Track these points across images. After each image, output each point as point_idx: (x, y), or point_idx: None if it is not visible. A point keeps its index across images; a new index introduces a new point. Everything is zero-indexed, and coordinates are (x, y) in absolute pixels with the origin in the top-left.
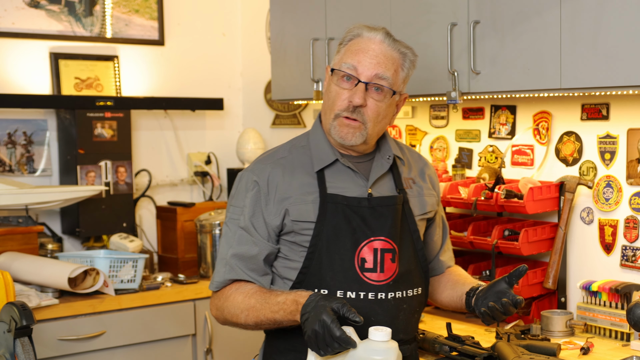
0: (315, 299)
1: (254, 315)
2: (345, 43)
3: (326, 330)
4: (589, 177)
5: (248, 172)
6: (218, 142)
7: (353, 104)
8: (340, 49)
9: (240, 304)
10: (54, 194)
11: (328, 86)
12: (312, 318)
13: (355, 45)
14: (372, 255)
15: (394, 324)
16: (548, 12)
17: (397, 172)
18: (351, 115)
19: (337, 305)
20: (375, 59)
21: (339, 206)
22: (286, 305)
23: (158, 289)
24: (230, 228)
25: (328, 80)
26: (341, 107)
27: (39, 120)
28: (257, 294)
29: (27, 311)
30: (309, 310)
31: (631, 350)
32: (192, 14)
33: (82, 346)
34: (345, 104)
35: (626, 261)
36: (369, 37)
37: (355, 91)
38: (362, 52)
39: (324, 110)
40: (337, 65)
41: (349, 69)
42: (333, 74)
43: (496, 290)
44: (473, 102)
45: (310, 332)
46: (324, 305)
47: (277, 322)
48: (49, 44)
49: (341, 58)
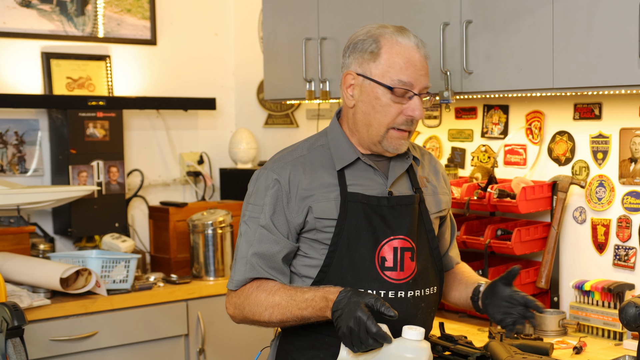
0: (347, 295)
1: (279, 312)
2: (376, 50)
3: (362, 327)
4: (581, 176)
5: (267, 171)
6: (210, 142)
7: (416, 118)
8: (377, 59)
9: (263, 302)
10: (45, 194)
11: (374, 99)
12: (347, 314)
13: (398, 55)
14: (392, 254)
15: (413, 322)
16: (540, 11)
17: (413, 171)
18: (408, 128)
19: (371, 301)
20: (422, 70)
21: (359, 205)
22: (315, 302)
23: (150, 289)
24: (250, 227)
25: (370, 91)
26: (399, 121)
27: (31, 120)
28: (281, 290)
29: (19, 312)
30: (341, 307)
31: (624, 349)
32: (185, 14)
33: (74, 347)
34: (403, 118)
35: (619, 260)
36: (407, 45)
37: (416, 106)
38: (411, 65)
39: (368, 121)
40: (386, 78)
41: (405, 84)
42: (392, 92)
43: (503, 296)
44: (466, 102)
45: (345, 328)
46: (358, 301)
47: (305, 319)
48: (41, 44)
49: (387, 70)
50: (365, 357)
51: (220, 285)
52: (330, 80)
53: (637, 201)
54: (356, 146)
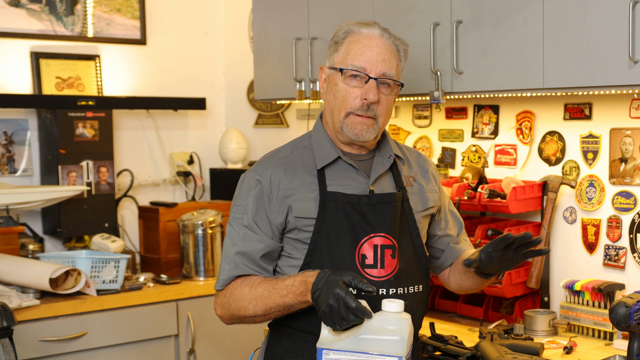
0: (325, 275)
1: (262, 303)
2: (340, 41)
3: (341, 303)
4: (571, 176)
5: (251, 172)
6: (200, 142)
7: (369, 101)
8: (339, 48)
9: (247, 295)
10: (35, 194)
11: (334, 86)
12: (325, 293)
13: (356, 42)
14: (372, 251)
15: None
16: (530, 11)
17: (397, 171)
18: (365, 113)
19: (348, 278)
20: (381, 56)
21: (338, 203)
22: (295, 287)
23: (140, 290)
24: (234, 227)
25: (332, 79)
26: (355, 106)
27: (20, 120)
28: (264, 282)
29: (8, 312)
30: (320, 286)
31: (614, 349)
32: (174, 14)
33: (63, 347)
34: (358, 102)
35: (609, 260)
36: (367, 33)
37: (369, 89)
38: (367, 50)
39: (331, 109)
40: (343, 64)
41: (358, 67)
42: (342, 73)
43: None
44: (456, 102)
45: (324, 307)
46: (335, 279)
47: (288, 306)
48: (30, 43)
49: (345, 57)
50: (347, 335)
51: (210, 285)
52: None
53: (627, 201)
54: (337, 144)
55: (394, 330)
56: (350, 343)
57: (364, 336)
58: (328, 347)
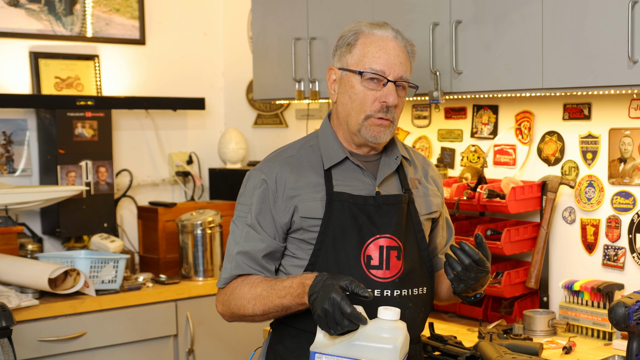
0: (323, 279)
1: (261, 303)
2: (353, 42)
3: (336, 308)
4: (570, 176)
5: (256, 171)
6: (200, 142)
7: (388, 104)
8: (352, 49)
9: (246, 294)
10: (34, 194)
11: (350, 88)
12: (321, 297)
13: (372, 45)
14: (377, 252)
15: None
16: (530, 12)
17: (403, 173)
18: (385, 116)
19: (345, 283)
20: (398, 59)
21: (345, 204)
22: (292, 288)
23: (139, 290)
24: (238, 226)
25: (346, 81)
26: (374, 109)
27: (19, 120)
28: (263, 282)
29: (7, 312)
30: (317, 290)
31: (613, 349)
32: (174, 13)
33: (62, 347)
34: (378, 105)
35: (608, 260)
36: (381, 35)
37: (389, 92)
38: (384, 52)
39: (347, 111)
40: (360, 66)
41: (377, 70)
42: (362, 76)
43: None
44: (455, 102)
45: (320, 311)
46: (332, 283)
47: (285, 307)
48: (29, 43)
49: (361, 59)
50: (341, 340)
51: (209, 285)
52: (320, 80)
53: (626, 201)
54: (344, 145)
55: (388, 339)
56: (343, 348)
57: (357, 342)
58: (321, 351)
